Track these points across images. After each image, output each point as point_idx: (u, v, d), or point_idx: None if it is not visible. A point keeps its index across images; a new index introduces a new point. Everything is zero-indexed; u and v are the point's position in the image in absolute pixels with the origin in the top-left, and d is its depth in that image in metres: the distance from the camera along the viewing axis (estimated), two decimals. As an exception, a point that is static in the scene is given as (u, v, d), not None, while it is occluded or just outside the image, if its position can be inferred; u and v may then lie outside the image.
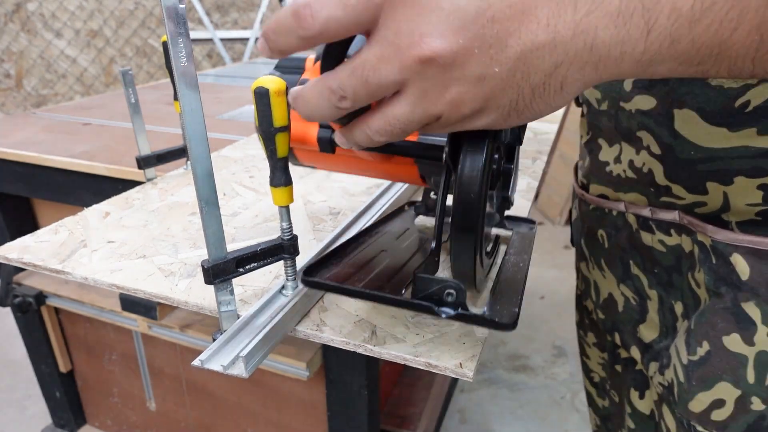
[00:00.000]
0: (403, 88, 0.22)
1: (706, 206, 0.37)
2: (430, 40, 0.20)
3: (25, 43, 2.46)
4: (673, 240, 0.42)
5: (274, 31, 0.23)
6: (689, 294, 0.42)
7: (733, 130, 0.34)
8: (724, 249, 0.36)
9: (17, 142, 0.83)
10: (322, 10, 0.21)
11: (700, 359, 0.39)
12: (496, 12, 0.19)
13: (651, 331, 0.48)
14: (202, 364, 0.33)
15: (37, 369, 0.92)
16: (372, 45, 0.21)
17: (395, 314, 0.40)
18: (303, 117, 0.26)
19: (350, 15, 0.21)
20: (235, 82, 1.37)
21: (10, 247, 0.49)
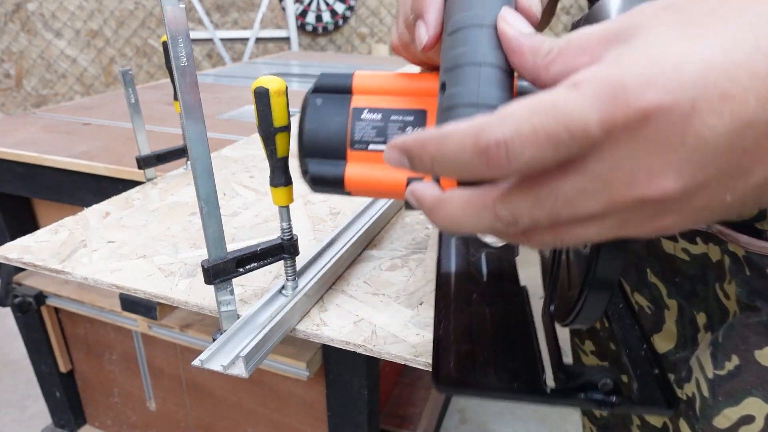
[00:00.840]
0: (600, 217, 0.18)
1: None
2: (661, 181, 0.16)
3: (25, 43, 2.46)
4: (698, 249, 0.40)
5: (434, 159, 0.18)
6: (715, 305, 0.40)
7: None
8: (760, 260, 0.34)
9: (17, 142, 0.83)
10: (524, 152, 0.16)
11: (729, 374, 0.37)
12: (750, 142, 0.16)
13: (667, 341, 0.46)
14: (202, 364, 0.33)
15: (37, 369, 0.92)
16: (571, 177, 0.17)
17: (395, 314, 0.40)
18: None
19: (558, 155, 0.16)
20: (235, 82, 1.37)
21: (10, 247, 0.49)
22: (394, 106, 0.28)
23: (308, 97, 0.30)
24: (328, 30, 2.98)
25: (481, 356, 0.31)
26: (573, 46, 0.18)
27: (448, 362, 0.31)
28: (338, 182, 0.29)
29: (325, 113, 0.29)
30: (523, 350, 0.31)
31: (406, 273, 0.46)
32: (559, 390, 0.29)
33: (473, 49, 0.21)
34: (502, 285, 0.39)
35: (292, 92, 0.35)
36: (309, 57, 1.85)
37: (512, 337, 0.33)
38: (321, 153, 0.29)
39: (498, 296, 0.37)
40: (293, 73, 1.52)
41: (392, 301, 0.42)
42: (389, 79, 0.29)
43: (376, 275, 0.45)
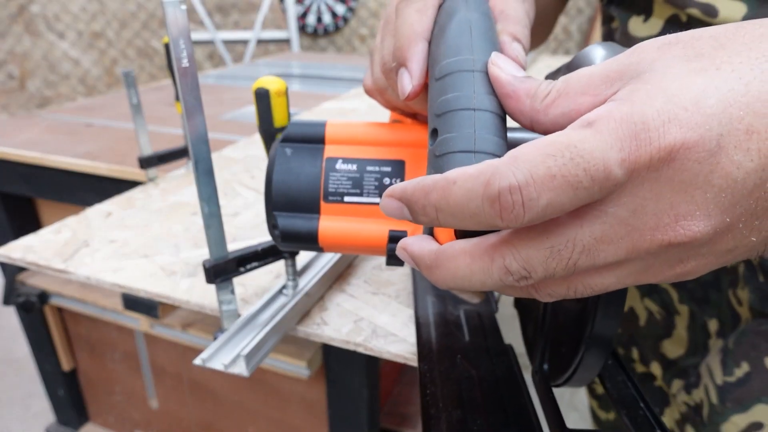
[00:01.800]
0: (620, 264, 0.16)
1: None
2: (689, 224, 0.15)
3: (29, 45, 2.47)
4: None
5: (439, 208, 0.16)
6: (728, 312, 0.39)
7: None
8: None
9: (21, 142, 0.83)
10: (539, 198, 0.14)
11: (738, 381, 0.37)
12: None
13: (677, 347, 0.45)
14: (203, 363, 0.33)
15: (41, 367, 0.92)
16: (589, 224, 0.16)
17: (395, 313, 0.40)
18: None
19: (579, 200, 0.15)
20: (236, 83, 1.37)
21: (13, 247, 0.49)
22: (370, 157, 0.27)
23: (277, 146, 0.28)
24: (328, 31, 2.99)
25: (474, 425, 0.28)
26: (573, 87, 0.17)
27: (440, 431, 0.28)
28: (311, 237, 0.27)
29: (297, 164, 0.27)
30: (517, 416, 0.29)
31: (407, 273, 0.46)
32: None
33: (466, 95, 0.20)
34: (486, 343, 0.36)
35: (292, 93, 0.35)
36: (309, 58, 1.86)
37: (504, 401, 0.30)
38: (291, 206, 0.27)
39: (483, 356, 0.35)
40: (294, 74, 1.53)
41: (392, 301, 0.42)
42: (363, 129, 0.28)
43: (376, 275, 0.46)
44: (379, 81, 0.29)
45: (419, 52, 0.24)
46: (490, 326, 0.38)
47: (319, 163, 0.27)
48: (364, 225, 0.26)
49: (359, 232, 0.26)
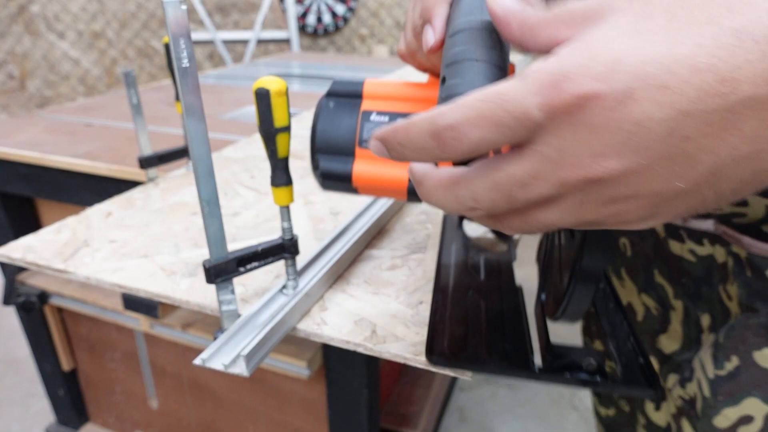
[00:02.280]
0: (555, 199, 0.19)
1: (745, 217, 0.35)
2: (603, 161, 0.17)
3: (29, 45, 2.47)
4: (705, 250, 0.40)
5: (402, 144, 0.20)
6: (719, 307, 0.40)
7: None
8: (761, 262, 0.34)
9: (21, 142, 0.83)
10: (470, 134, 0.18)
11: (729, 374, 0.38)
12: (690, 130, 0.16)
13: (673, 342, 0.46)
14: (203, 363, 0.33)
15: (41, 367, 0.92)
16: (521, 160, 0.18)
17: (395, 314, 0.40)
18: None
19: (504, 136, 0.18)
20: (236, 83, 1.37)
21: (13, 247, 0.49)
22: (401, 111, 0.30)
23: (322, 100, 0.32)
24: (328, 31, 2.99)
25: (474, 339, 0.33)
26: (558, 19, 0.19)
27: (442, 341, 0.33)
28: (346, 178, 0.30)
29: (337, 115, 0.31)
30: (514, 334, 0.34)
31: (406, 273, 0.46)
32: (545, 369, 0.31)
33: (471, 48, 0.23)
34: (499, 283, 0.40)
35: (292, 93, 0.35)
36: (309, 58, 1.86)
37: (504, 324, 0.35)
38: (331, 150, 0.31)
39: (494, 292, 0.39)
40: (294, 74, 1.53)
41: (392, 301, 0.42)
42: (397, 87, 0.31)
43: (376, 275, 0.46)
44: (411, 44, 0.32)
45: (441, 12, 0.28)
46: (506, 270, 0.42)
47: (356, 115, 0.31)
48: (391, 169, 0.30)
49: (386, 174, 0.30)
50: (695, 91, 0.16)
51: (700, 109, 0.16)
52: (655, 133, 0.16)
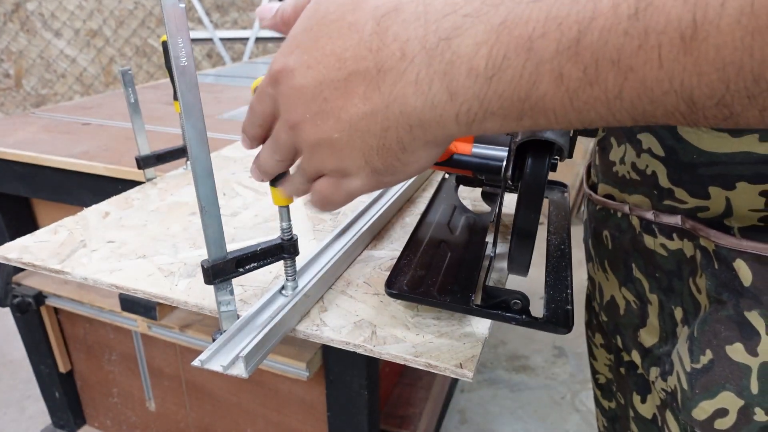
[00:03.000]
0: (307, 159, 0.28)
1: (708, 211, 0.38)
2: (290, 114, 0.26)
3: (25, 43, 2.46)
4: (674, 244, 0.42)
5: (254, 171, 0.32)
6: (689, 300, 0.42)
7: (735, 135, 0.34)
8: (728, 254, 0.36)
9: (17, 141, 0.83)
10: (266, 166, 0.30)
11: (703, 368, 0.39)
12: (327, 93, 0.24)
13: (651, 336, 0.47)
14: (201, 365, 0.33)
15: (37, 369, 0.92)
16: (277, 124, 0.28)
17: (395, 314, 0.40)
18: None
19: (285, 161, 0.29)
20: (235, 81, 1.37)
21: (9, 247, 0.49)
22: None
23: None
24: (327, 30, 2.98)
25: (430, 280, 0.39)
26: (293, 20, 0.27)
27: (402, 279, 0.39)
28: None
29: None
30: (465, 279, 0.39)
31: (407, 273, 0.45)
32: (481, 306, 0.36)
33: None
34: (470, 238, 0.45)
35: (292, 92, 0.35)
36: (309, 57, 1.85)
37: (460, 271, 0.41)
38: None
39: (462, 246, 0.44)
40: (293, 73, 1.52)
41: (392, 301, 0.42)
42: None
43: (376, 275, 0.45)
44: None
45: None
46: (481, 229, 0.47)
47: None
48: None
49: None
50: (324, 68, 0.24)
51: (329, 78, 0.23)
52: (306, 94, 0.24)
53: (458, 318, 0.40)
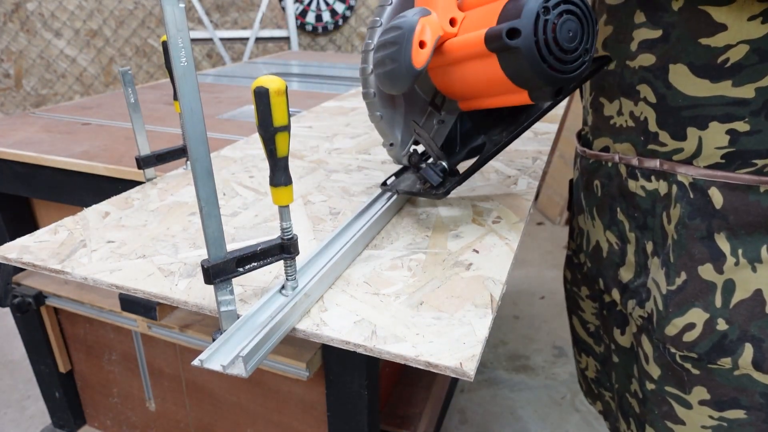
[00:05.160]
0: None
1: (682, 152, 0.45)
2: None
3: (25, 43, 2.46)
4: (652, 185, 0.49)
5: None
6: (659, 233, 0.49)
7: (714, 81, 0.41)
8: (704, 184, 0.44)
9: (16, 141, 0.83)
10: None
11: (678, 288, 0.47)
12: None
13: (628, 272, 0.55)
14: (201, 364, 0.33)
15: (37, 369, 0.92)
16: None
17: (395, 314, 0.40)
18: None
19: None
20: (235, 81, 1.37)
21: (9, 247, 0.49)
22: None
23: None
24: (327, 30, 2.98)
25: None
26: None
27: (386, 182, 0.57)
28: None
29: None
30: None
31: (406, 273, 0.45)
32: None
33: None
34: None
35: (291, 92, 0.35)
36: (309, 57, 1.85)
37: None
38: None
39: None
40: (293, 73, 1.52)
41: (392, 301, 0.42)
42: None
43: (376, 275, 0.45)
44: None
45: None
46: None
47: None
48: None
49: None
50: None
51: None
52: None
53: (458, 318, 0.40)
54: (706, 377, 0.47)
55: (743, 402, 0.46)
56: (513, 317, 1.67)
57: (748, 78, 0.40)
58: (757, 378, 0.45)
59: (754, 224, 0.43)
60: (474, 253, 0.49)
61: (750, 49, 0.39)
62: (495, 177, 0.66)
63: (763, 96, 0.40)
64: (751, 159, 0.42)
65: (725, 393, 0.46)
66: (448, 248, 0.50)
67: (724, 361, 0.45)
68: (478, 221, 0.55)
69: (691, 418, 0.49)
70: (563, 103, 1.03)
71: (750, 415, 0.46)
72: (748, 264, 0.43)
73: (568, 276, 0.70)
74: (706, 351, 0.46)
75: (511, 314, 1.68)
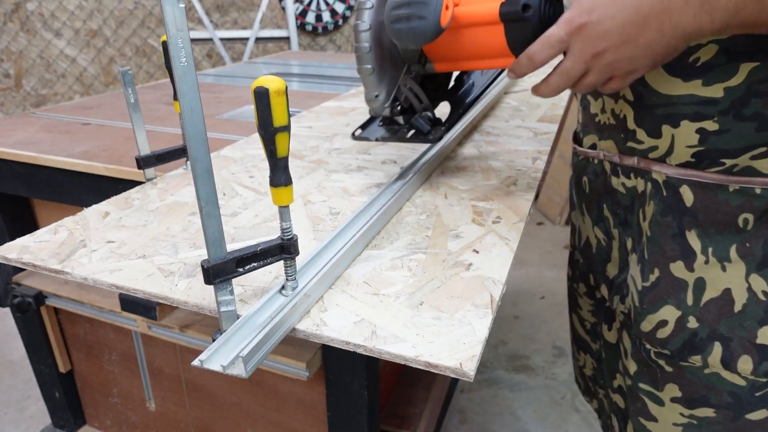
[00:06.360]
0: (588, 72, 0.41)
1: (657, 150, 0.47)
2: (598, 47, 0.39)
3: (25, 43, 2.46)
4: (631, 182, 0.50)
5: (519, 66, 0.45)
6: (636, 229, 0.51)
7: (686, 80, 0.44)
8: (676, 182, 0.46)
9: (16, 141, 0.83)
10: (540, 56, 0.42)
11: (651, 285, 0.48)
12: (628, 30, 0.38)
13: (614, 268, 0.56)
14: (201, 364, 0.33)
15: (37, 369, 0.92)
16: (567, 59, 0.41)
17: (395, 314, 0.40)
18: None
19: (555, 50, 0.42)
20: (235, 81, 1.37)
21: (9, 247, 0.49)
22: None
23: None
24: (327, 30, 2.98)
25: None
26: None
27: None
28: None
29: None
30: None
31: (406, 273, 0.45)
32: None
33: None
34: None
35: (291, 92, 0.35)
36: (309, 57, 1.85)
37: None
38: None
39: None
40: (293, 73, 1.52)
41: (392, 301, 0.42)
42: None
43: (376, 275, 0.45)
44: None
45: None
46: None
47: None
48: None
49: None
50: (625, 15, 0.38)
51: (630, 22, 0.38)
52: (612, 34, 0.38)
53: (458, 318, 0.40)
54: (677, 374, 0.47)
55: (712, 400, 0.46)
56: (513, 317, 1.67)
57: (716, 78, 0.41)
58: (725, 377, 0.45)
59: (724, 223, 0.44)
60: (474, 253, 0.49)
61: (719, 49, 0.41)
62: (495, 177, 0.66)
63: (731, 96, 0.41)
64: (720, 158, 0.43)
65: (695, 391, 0.47)
66: (448, 248, 0.50)
67: (694, 358, 0.46)
68: (478, 221, 0.55)
69: (663, 415, 0.49)
70: (563, 104, 1.03)
71: (718, 414, 0.46)
72: (718, 263, 0.44)
73: (569, 273, 0.71)
74: (678, 348, 0.47)
75: (511, 314, 1.68)
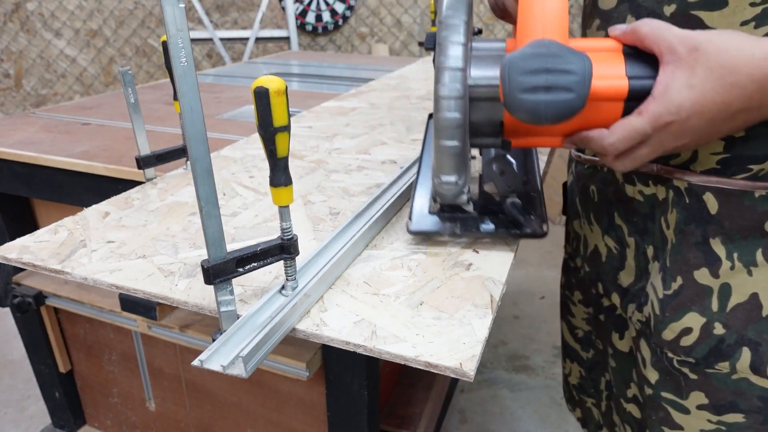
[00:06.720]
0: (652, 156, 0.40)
1: (679, 157, 0.46)
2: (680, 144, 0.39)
3: (25, 43, 2.46)
4: (650, 190, 0.49)
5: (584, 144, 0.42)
6: (659, 237, 0.49)
7: None
8: (698, 190, 0.45)
9: (16, 141, 0.83)
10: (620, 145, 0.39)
11: (674, 293, 0.47)
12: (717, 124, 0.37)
13: (628, 276, 0.55)
14: (201, 364, 0.33)
15: (37, 369, 0.92)
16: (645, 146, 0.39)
17: (395, 314, 0.40)
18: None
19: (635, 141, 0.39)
20: (235, 81, 1.37)
21: (9, 247, 0.49)
22: None
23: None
24: (327, 30, 2.98)
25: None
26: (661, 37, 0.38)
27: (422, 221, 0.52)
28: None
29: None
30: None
31: (407, 273, 0.45)
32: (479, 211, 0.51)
33: None
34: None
35: (291, 92, 0.35)
36: (309, 57, 1.85)
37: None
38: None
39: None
40: (293, 73, 1.52)
41: (392, 301, 0.42)
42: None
43: (376, 275, 0.45)
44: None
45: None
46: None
47: None
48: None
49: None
50: (714, 113, 0.36)
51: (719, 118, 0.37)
52: (699, 130, 0.37)
53: (458, 318, 0.40)
54: (703, 382, 0.47)
55: (741, 406, 0.46)
56: (513, 317, 1.66)
57: None
58: (755, 381, 0.45)
59: (749, 228, 0.43)
60: (474, 253, 0.49)
61: None
62: (495, 177, 0.66)
63: None
64: (747, 164, 0.42)
65: (723, 397, 0.46)
66: (448, 248, 0.49)
67: (721, 365, 0.45)
68: (478, 221, 0.55)
69: (689, 423, 0.49)
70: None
71: (748, 419, 0.46)
72: (744, 268, 0.43)
73: (562, 280, 0.70)
74: (704, 355, 0.46)
75: (511, 314, 1.68)
